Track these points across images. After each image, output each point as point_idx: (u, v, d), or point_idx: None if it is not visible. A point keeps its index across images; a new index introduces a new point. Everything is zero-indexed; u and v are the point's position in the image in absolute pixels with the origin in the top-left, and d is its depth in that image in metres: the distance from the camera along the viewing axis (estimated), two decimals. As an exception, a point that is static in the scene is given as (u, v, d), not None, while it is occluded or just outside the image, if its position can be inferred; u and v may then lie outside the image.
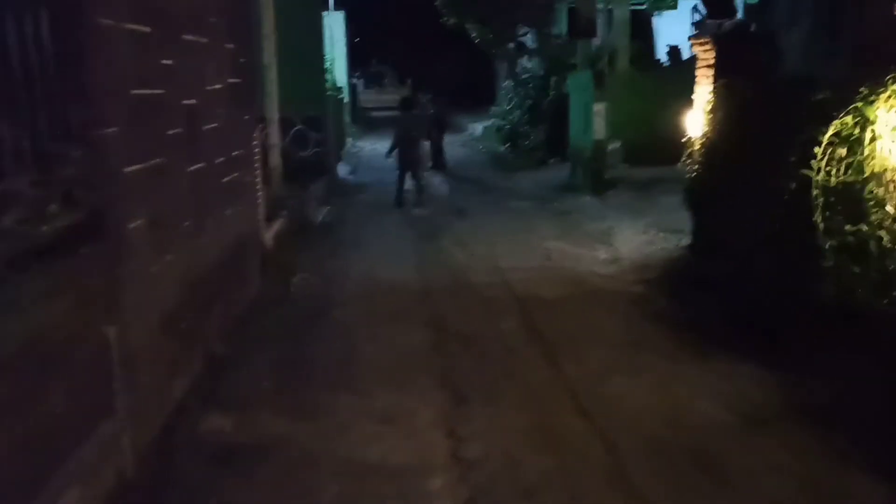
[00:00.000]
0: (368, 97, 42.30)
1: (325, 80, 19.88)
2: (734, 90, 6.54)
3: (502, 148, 19.14)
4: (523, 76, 18.68)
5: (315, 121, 13.35)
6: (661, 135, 11.72)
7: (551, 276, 7.47)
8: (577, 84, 12.31)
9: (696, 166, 7.18)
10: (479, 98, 36.65)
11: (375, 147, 21.08)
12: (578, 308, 6.43)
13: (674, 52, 12.20)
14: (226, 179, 6.07)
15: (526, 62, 20.09)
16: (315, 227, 10.25)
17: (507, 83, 19.95)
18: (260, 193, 7.40)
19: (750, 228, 6.26)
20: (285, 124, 13.07)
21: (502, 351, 5.46)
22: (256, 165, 7.26)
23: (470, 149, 21.23)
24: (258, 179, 7.32)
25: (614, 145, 11.68)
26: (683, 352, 5.36)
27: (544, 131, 16.22)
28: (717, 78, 7.08)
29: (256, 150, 7.29)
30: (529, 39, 19.55)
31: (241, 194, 6.59)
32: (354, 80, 42.76)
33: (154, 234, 4.23)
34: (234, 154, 6.35)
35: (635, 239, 8.67)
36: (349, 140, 22.21)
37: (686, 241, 7.99)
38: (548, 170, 15.06)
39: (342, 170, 15.85)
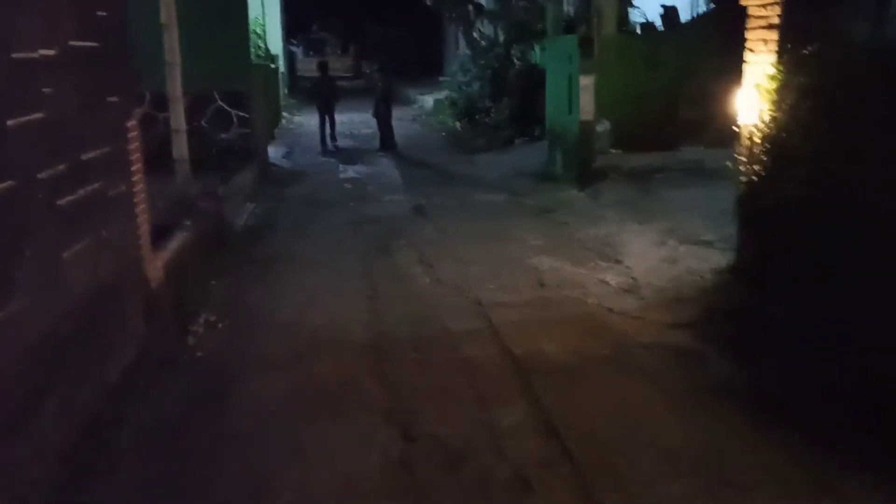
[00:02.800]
0: (308, 66, 39.41)
1: (252, 47, 17.45)
2: (821, 63, 4.56)
3: (458, 124, 17.00)
4: (482, 43, 16.50)
5: (239, 96, 11.04)
6: (656, 114, 9.82)
7: (553, 316, 5.44)
8: (555, 52, 10.23)
9: (755, 166, 5.20)
10: (426, 67, 34.43)
11: (314, 122, 18.77)
12: (606, 380, 4.41)
13: (670, 13, 10.26)
14: (67, 199, 3.87)
15: (483, 27, 17.91)
16: (235, 234, 8.03)
17: (463, 51, 17.75)
18: (141, 207, 5.17)
19: (846, 259, 4.35)
20: (199, 102, 10.79)
21: (510, 485, 3.41)
22: (133, 168, 5.03)
23: (421, 125, 19.03)
24: (137, 188, 5.09)
25: (603, 127, 9.67)
26: (793, 475, 3.41)
27: (509, 106, 14.16)
28: (782, 44, 5.09)
29: (133, 145, 5.05)
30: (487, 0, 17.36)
31: (104, 216, 4.39)
32: (292, 48, 40.04)
33: None
34: (85, 158, 4.15)
35: (651, 254, 6.69)
36: (285, 116, 19.81)
37: (725, 260, 6.05)
38: (515, 151, 13.00)
39: (275, 152, 13.54)
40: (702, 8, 11.10)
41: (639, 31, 10.71)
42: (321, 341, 5.07)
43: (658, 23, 10.57)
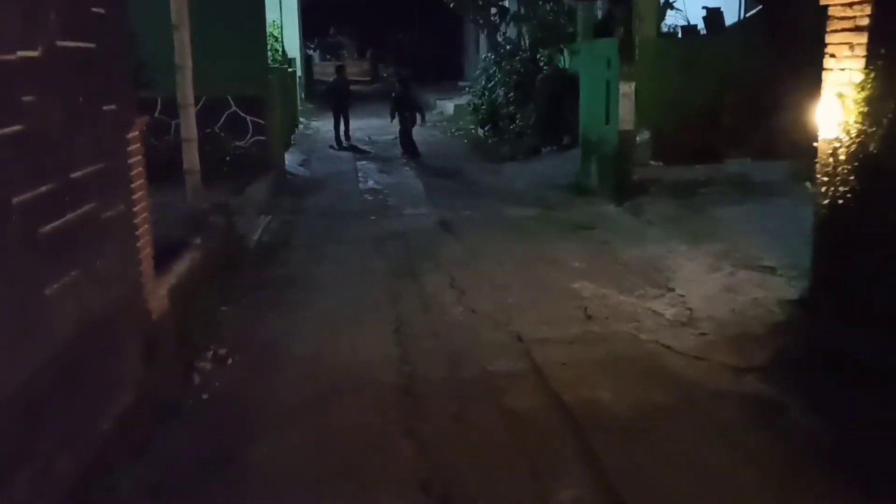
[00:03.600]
0: (326, 70, 39.00)
1: (268, 51, 16.97)
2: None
3: (481, 131, 16.39)
4: (507, 47, 15.88)
5: (254, 102, 10.51)
6: (698, 123, 9.16)
7: (604, 356, 4.80)
8: (591, 57, 9.59)
9: (841, 186, 4.54)
10: (445, 71, 33.88)
11: (331, 127, 18.24)
12: (678, 441, 3.76)
13: (713, 15, 9.61)
14: (52, 226, 3.29)
15: (507, 30, 17.30)
16: (249, 252, 7.44)
17: (486, 55, 17.14)
18: (144, 229, 4.59)
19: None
20: (213, 108, 10.28)
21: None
22: (134, 186, 4.45)
23: (441, 131, 18.40)
24: (139, 208, 4.50)
25: (642, 137, 9.03)
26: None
27: (535, 113, 13.51)
28: (872, 48, 4.44)
29: (134, 159, 4.47)
30: (513, 2, 16.73)
31: (97, 243, 3.81)
32: (309, 51, 39.60)
33: None
34: (75, 176, 3.56)
35: (705, 280, 6.04)
36: (302, 121, 19.28)
37: (794, 290, 5.40)
38: (543, 161, 12.37)
39: (291, 160, 12.98)
40: (749, 10, 10.41)
41: (680, 34, 10.07)
42: (344, 384, 4.45)
43: (700, 25, 9.92)
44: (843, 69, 4.65)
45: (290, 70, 17.31)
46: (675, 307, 5.59)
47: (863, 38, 4.51)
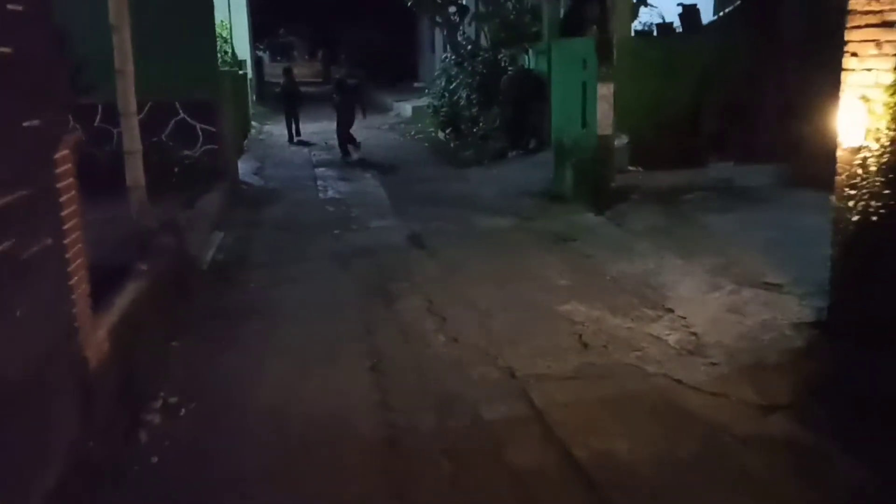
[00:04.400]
0: (277, 72, 38.16)
1: (218, 52, 16.18)
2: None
3: (442, 134, 15.84)
4: (468, 47, 15.34)
5: (204, 107, 9.78)
6: (676, 126, 8.73)
7: (611, 394, 4.26)
8: (564, 57, 9.09)
9: (871, 199, 4.08)
10: (400, 72, 33.26)
11: (286, 131, 17.55)
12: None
13: (690, 13, 9.18)
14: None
15: (466, 30, 16.76)
16: (201, 274, 6.75)
17: (446, 56, 16.58)
18: (78, 263, 3.91)
19: None
20: (159, 114, 9.54)
21: None
22: (65, 213, 3.77)
23: (400, 134, 17.83)
24: (71, 239, 3.83)
25: (620, 141, 8.55)
26: None
27: (500, 116, 12.99)
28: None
29: (64, 182, 3.79)
30: (472, 0, 16.20)
31: (17, 286, 3.15)
32: (259, 52, 38.61)
33: None
34: (-16, 209, 2.91)
35: (707, 300, 5.56)
36: (254, 125, 18.51)
37: (809, 311, 4.94)
38: (510, 166, 11.85)
39: (245, 168, 12.26)
40: (722, 7, 10.00)
41: (655, 32, 9.63)
42: (316, 439, 3.84)
43: (677, 23, 9.50)
44: (868, 69, 4.19)
45: (240, 72, 16.53)
46: (678, 332, 5.09)
47: (892, 35, 4.05)
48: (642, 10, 10.00)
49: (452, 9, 15.73)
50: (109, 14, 6.31)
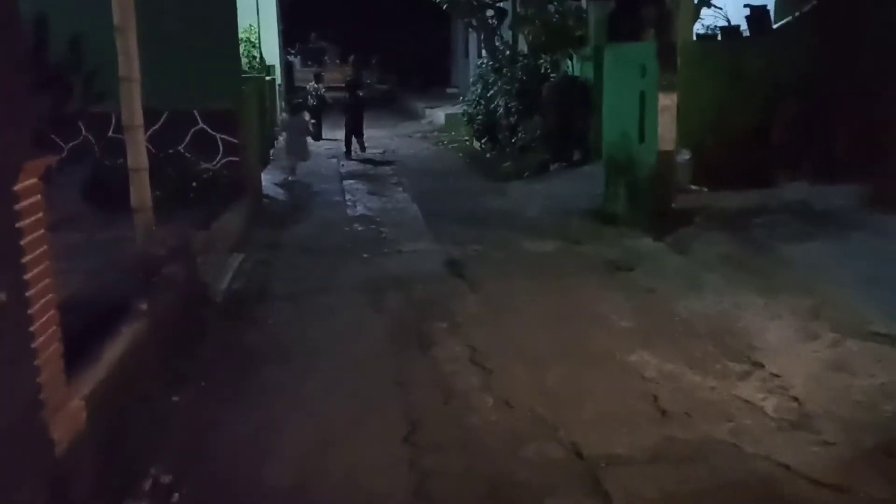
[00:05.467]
0: (307, 77, 37.60)
1: (245, 57, 15.54)
2: None
3: (478, 144, 15.04)
4: (506, 52, 14.52)
5: (225, 116, 9.08)
6: (743, 140, 7.85)
7: (705, 485, 3.41)
8: (618, 63, 8.23)
9: None
10: (432, 77, 32.57)
11: (314, 140, 16.86)
12: None
13: (758, 14, 8.30)
14: None
15: (504, 34, 15.96)
16: (214, 307, 6.00)
17: (483, 61, 15.78)
18: (46, 319, 3.16)
19: None
20: (177, 124, 8.86)
21: None
22: (28, 259, 3.03)
23: (433, 143, 17.06)
24: (37, 290, 3.08)
25: (681, 157, 7.68)
26: None
27: (542, 125, 12.14)
28: None
29: (28, 220, 3.04)
30: (508, 2, 15.39)
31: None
32: (291, 58, 38.16)
33: None
34: None
35: (802, 352, 4.68)
36: (282, 133, 17.82)
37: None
38: (553, 180, 11.01)
39: (270, 180, 11.55)
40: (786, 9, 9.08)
41: (719, 36, 8.75)
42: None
43: (743, 26, 8.61)
44: None
45: (268, 78, 15.87)
46: (774, 395, 4.23)
47: None
48: (704, 11, 9.11)
49: (490, 12, 14.92)
50: (113, 13, 5.60)
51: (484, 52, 16.18)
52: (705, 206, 7.52)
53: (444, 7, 15.22)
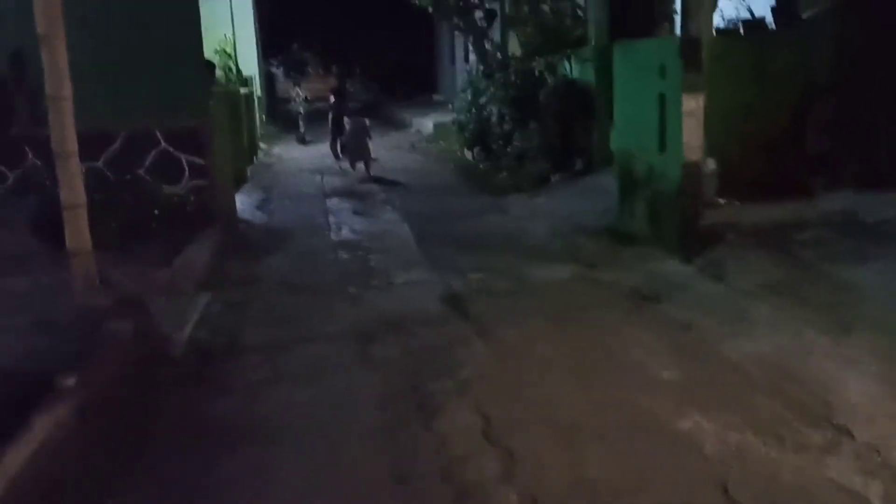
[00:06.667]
0: (289, 87, 36.67)
1: (220, 69, 14.58)
2: None
3: (470, 154, 14.13)
4: (498, 56, 13.62)
5: (192, 135, 8.15)
6: (773, 146, 6.96)
7: None
8: (632, 61, 7.32)
9: None
10: (418, 85, 31.70)
11: (295, 154, 16.03)
12: None
13: (785, 5, 7.42)
14: None
15: (493, 36, 15.06)
16: (171, 366, 5.03)
17: (470, 67, 14.87)
18: None
19: None
20: (137, 144, 7.96)
21: None
22: None
23: (422, 154, 16.16)
24: None
25: (708, 167, 6.78)
26: None
27: (540, 133, 11.23)
28: None
29: None
30: (495, 3, 14.49)
31: None
32: (273, 69, 37.18)
33: None
34: None
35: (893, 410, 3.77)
36: (262, 147, 16.91)
37: None
38: (556, 193, 10.11)
39: (247, 201, 10.61)
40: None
41: (742, 30, 7.85)
42: None
43: (769, 18, 7.72)
44: None
45: (245, 91, 14.91)
46: (873, 475, 3.31)
47: None
48: (724, 2, 8.21)
49: (478, 13, 14.02)
50: (37, 23, 4.64)
51: (472, 56, 15.27)
52: (736, 221, 6.62)
53: (429, 10, 14.28)
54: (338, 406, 4.34)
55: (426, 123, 20.10)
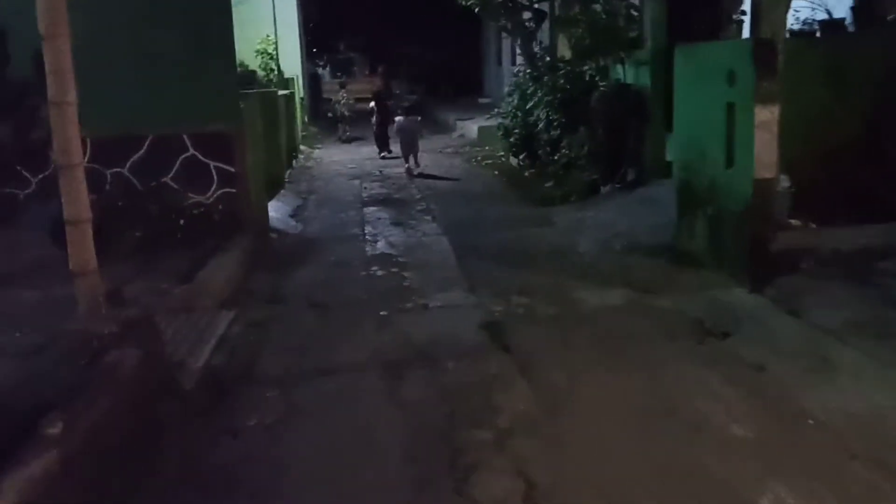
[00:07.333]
0: (334, 87, 36.51)
1: (261, 69, 14.24)
2: None
3: (515, 161, 13.54)
4: (546, 58, 13.00)
5: (221, 141, 7.72)
6: (852, 159, 6.24)
7: None
8: (695, 66, 6.67)
9: None
10: (463, 86, 31.23)
11: (336, 157, 15.64)
12: None
13: (865, 5, 6.71)
14: None
15: (542, 38, 14.46)
16: (184, 398, 4.56)
17: (518, 69, 14.29)
18: None
19: None
20: (163, 150, 7.56)
21: None
22: None
23: (465, 159, 15.60)
24: None
25: (781, 185, 6.11)
26: None
27: (590, 140, 10.58)
28: None
29: None
30: (550, 3, 13.88)
31: None
32: (319, 70, 37.04)
33: None
34: None
35: None
36: (303, 150, 16.54)
37: None
38: (606, 205, 9.45)
39: (281, 208, 10.17)
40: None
41: (818, 32, 7.15)
42: None
43: (849, 19, 7.01)
44: None
45: (284, 92, 14.53)
46: None
47: None
48: (798, 2, 7.51)
49: (527, 14, 13.42)
50: (38, 19, 4.21)
51: (519, 58, 14.69)
52: (813, 246, 5.93)
53: (476, 10, 13.72)
54: (356, 457, 3.81)
55: (471, 127, 19.58)
